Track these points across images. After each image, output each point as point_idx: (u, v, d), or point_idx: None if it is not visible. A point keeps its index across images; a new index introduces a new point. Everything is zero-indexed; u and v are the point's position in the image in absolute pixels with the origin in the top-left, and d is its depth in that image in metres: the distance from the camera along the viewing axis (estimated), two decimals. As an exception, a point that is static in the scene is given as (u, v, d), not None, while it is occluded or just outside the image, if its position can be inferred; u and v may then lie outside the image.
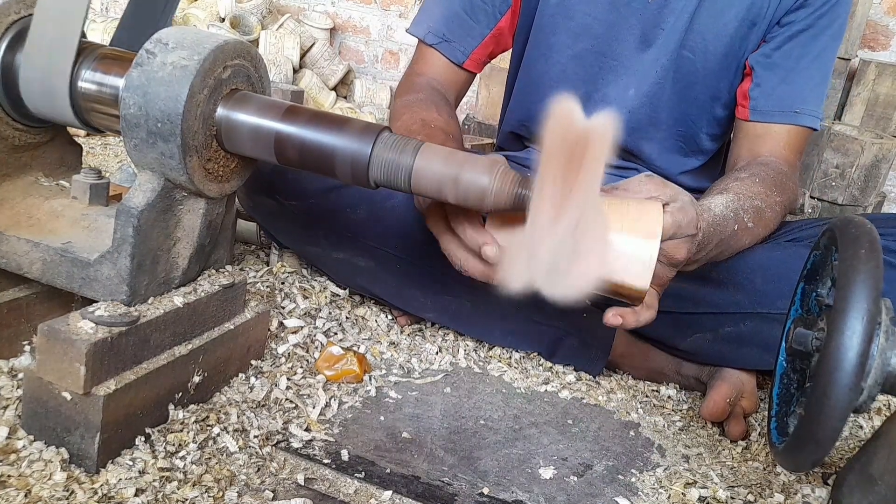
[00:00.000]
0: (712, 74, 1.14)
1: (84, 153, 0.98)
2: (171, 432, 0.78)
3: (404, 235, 1.08)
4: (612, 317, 0.78)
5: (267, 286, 1.15)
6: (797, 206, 2.06)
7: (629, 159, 1.23)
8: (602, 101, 1.17)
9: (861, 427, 1.09)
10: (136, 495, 0.69)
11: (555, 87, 1.19)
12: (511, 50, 1.27)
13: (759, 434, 1.02)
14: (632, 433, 0.99)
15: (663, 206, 0.73)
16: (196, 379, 0.83)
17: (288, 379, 0.94)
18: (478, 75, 1.28)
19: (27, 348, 0.86)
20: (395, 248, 1.09)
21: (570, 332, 1.12)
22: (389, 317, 1.18)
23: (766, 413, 1.05)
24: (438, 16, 1.18)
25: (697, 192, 1.23)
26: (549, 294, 0.66)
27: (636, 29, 1.14)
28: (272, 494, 0.74)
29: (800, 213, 2.09)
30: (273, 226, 1.18)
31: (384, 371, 1.04)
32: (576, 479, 0.87)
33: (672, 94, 1.16)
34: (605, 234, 0.67)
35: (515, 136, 1.32)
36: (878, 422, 1.11)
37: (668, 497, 0.85)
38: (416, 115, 1.02)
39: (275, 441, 0.82)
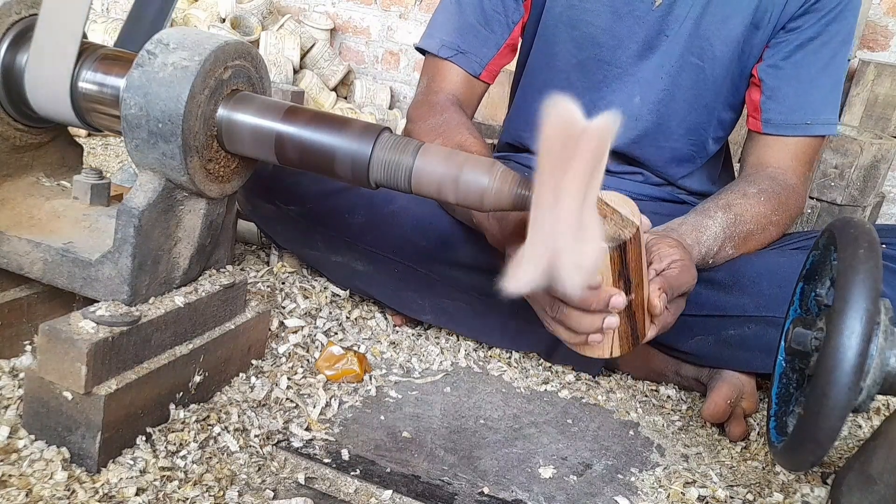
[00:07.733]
0: (720, 80, 1.14)
1: (85, 153, 0.99)
2: (172, 432, 0.78)
3: (402, 240, 1.08)
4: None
5: (267, 286, 1.15)
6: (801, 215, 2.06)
7: (635, 167, 1.22)
8: (606, 109, 1.15)
9: (860, 427, 1.10)
10: (136, 495, 0.69)
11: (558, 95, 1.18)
12: (516, 59, 1.26)
13: (759, 433, 1.02)
14: (631, 433, 0.99)
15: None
16: (197, 378, 0.83)
17: (288, 378, 0.94)
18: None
19: (28, 348, 0.86)
20: (393, 252, 1.09)
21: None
22: (389, 317, 1.19)
23: (765, 413, 1.06)
24: (451, 29, 1.15)
25: (698, 195, 1.23)
26: (556, 291, 0.66)
27: (639, 36, 1.13)
28: (273, 494, 0.74)
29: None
30: (272, 229, 1.18)
31: (384, 371, 1.04)
32: (575, 478, 0.87)
33: (682, 103, 1.15)
34: (598, 234, 0.67)
35: (515, 146, 1.31)
36: (876, 422, 1.12)
37: (668, 496, 0.85)
38: (450, 139, 1.00)
39: (275, 440, 0.82)
